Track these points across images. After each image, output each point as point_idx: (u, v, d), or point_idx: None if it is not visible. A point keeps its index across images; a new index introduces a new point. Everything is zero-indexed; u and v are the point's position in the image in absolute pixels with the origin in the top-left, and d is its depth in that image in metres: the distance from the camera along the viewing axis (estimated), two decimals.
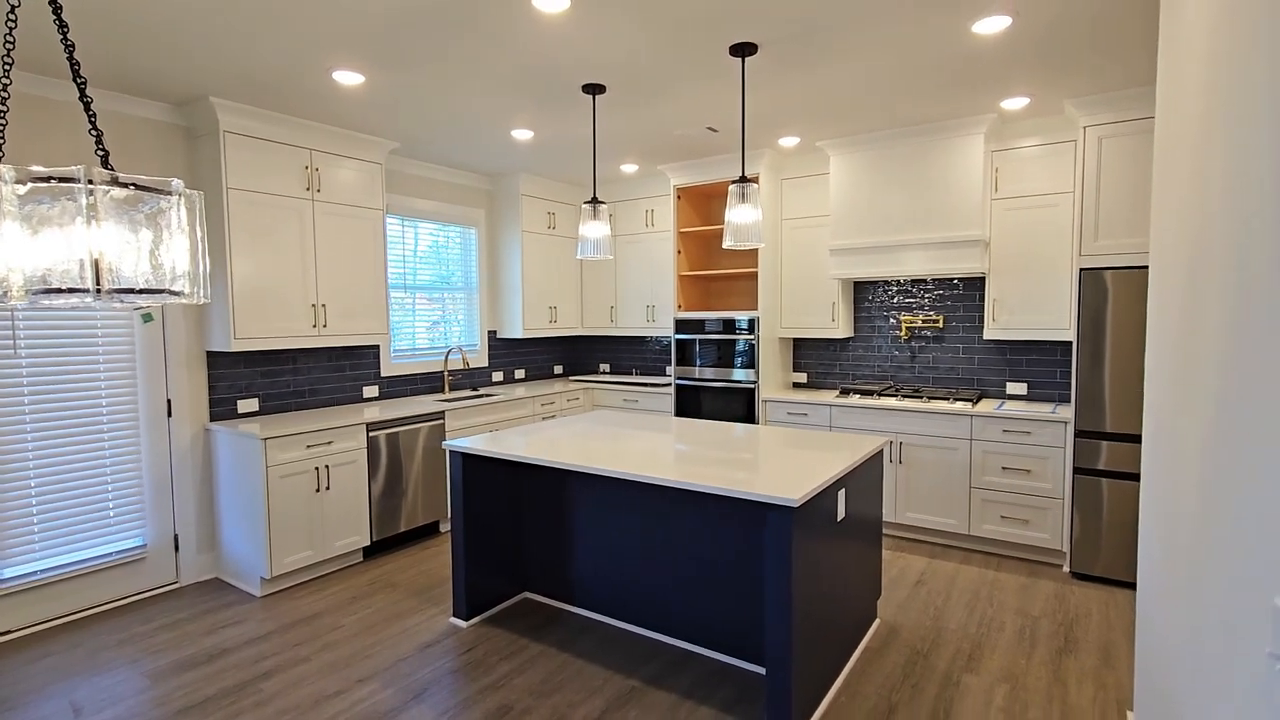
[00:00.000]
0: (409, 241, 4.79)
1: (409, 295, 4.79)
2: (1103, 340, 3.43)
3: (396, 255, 4.71)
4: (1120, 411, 3.40)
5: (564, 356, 6.18)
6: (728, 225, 2.83)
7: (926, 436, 4.01)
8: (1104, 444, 3.45)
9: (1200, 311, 1.36)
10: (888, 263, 4.19)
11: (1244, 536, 0.99)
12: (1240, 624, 0.99)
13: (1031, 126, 3.84)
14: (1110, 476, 3.44)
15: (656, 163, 4.88)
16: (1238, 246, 1.06)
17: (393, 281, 4.66)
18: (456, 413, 4.38)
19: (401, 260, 4.74)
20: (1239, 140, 1.09)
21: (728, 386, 4.74)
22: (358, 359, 4.41)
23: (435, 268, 4.99)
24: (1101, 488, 3.46)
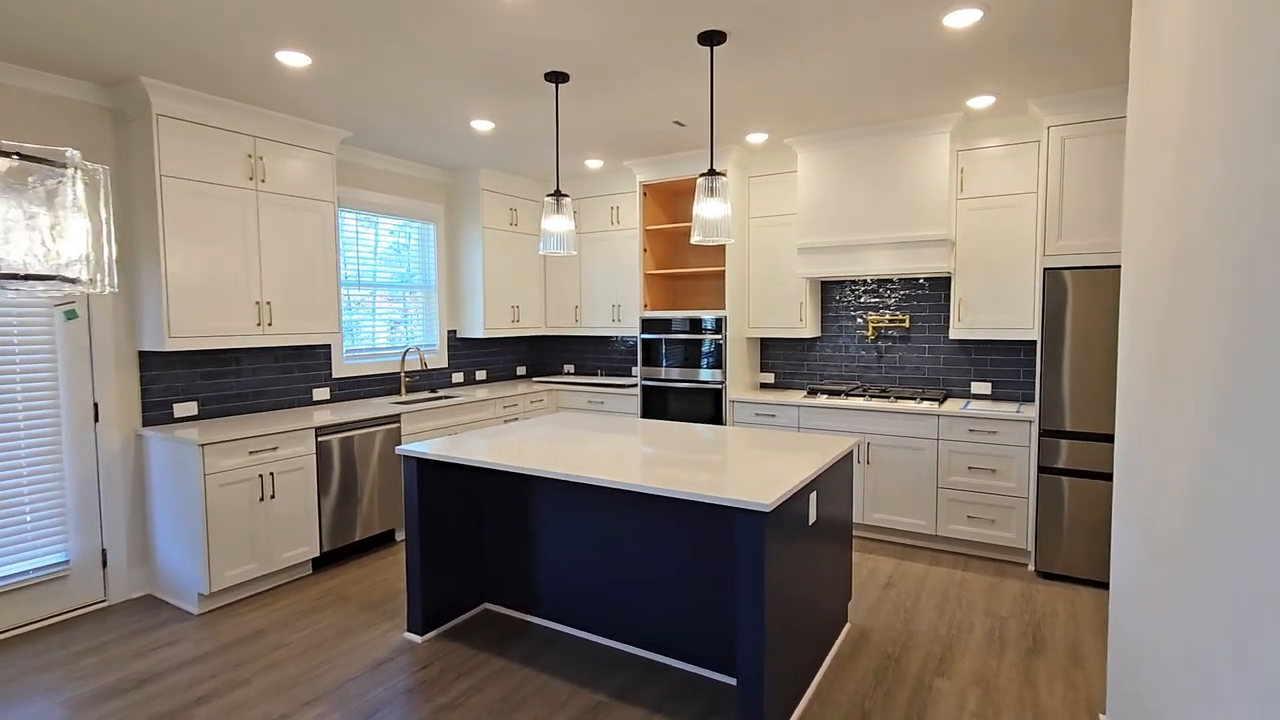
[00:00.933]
0: (368, 237, 4.58)
1: (364, 293, 4.58)
2: (1066, 340, 3.44)
3: (350, 251, 4.49)
4: (1083, 410, 3.42)
5: (527, 357, 6.01)
6: (696, 220, 2.74)
7: (894, 437, 3.99)
8: (1067, 443, 3.47)
9: (1189, 309, 1.31)
10: (855, 262, 4.16)
11: (1267, 546, 0.93)
12: (1252, 641, 0.93)
13: (996, 126, 3.85)
14: (1073, 475, 3.46)
15: (622, 158, 4.77)
16: (1245, 244, 1.00)
17: (346, 279, 4.44)
18: (413, 415, 4.19)
19: (356, 257, 4.52)
20: (1240, 138, 1.03)
21: (695, 387, 4.66)
22: (307, 360, 4.19)
23: (393, 264, 4.78)
24: (1065, 486, 3.48)
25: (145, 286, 3.27)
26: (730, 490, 2.13)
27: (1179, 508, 1.34)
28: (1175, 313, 1.41)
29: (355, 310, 4.54)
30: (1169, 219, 1.49)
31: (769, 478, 2.28)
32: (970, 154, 3.94)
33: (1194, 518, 1.23)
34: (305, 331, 3.84)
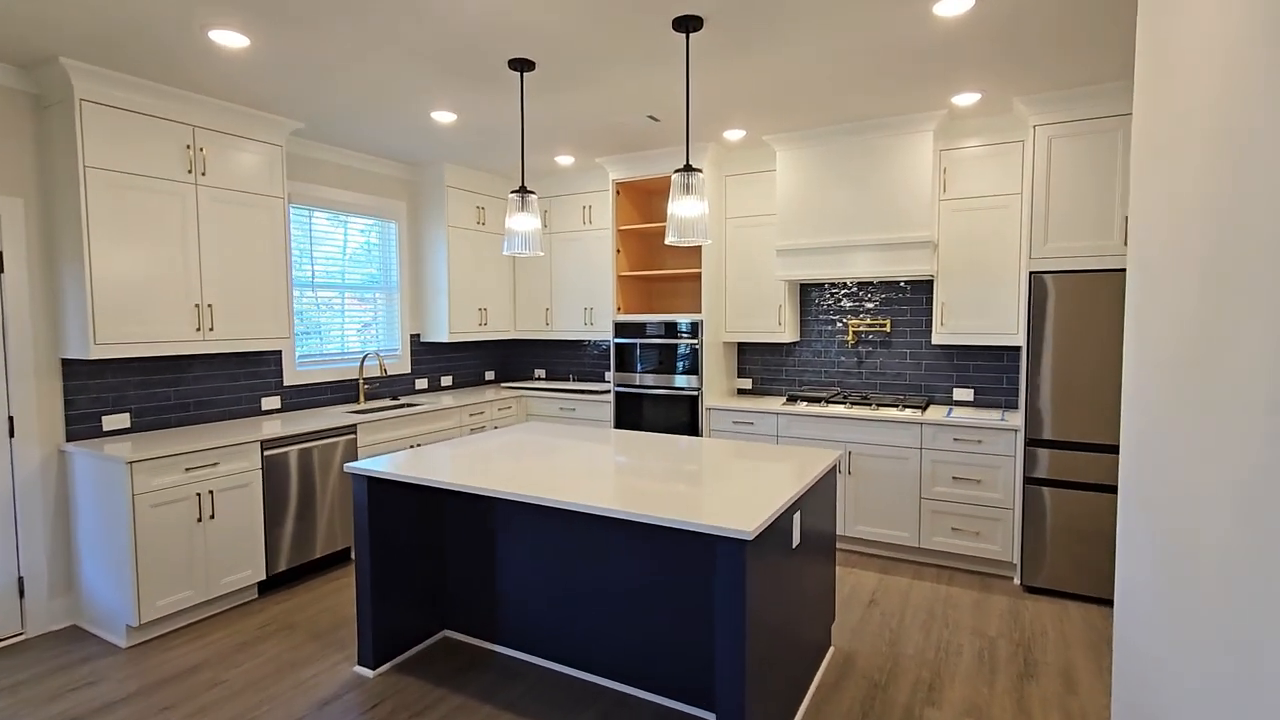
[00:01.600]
0: (328, 236, 4.30)
1: (328, 294, 4.30)
2: (1053, 346, 3.33)
3: (303, 250, 4.21)
4: (1071, 419, 3.31)
5: (495, 361, 5.77)
6: (671, 219, 2.54)
7: (876, 446, 3.85)
8: (1054, 452, 3.35)
9: (1235, 310, 1.15)
10: (836, 264, 4.01)
11: None
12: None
13: (979, 125, 3.73)
14: (1060, 486, 3.35)
15: (594, 155, 4.56)
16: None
17: (299, 279, 4.17)
18: (371, 426, 3.93)
19: (310, 256, 4.24)
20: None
21: (670, 394, 4.47)
22: (256, 366, 3.90)
23: (354, 265, 4.51)
24: (1052, 497, 3.36)
25: (68, 288, 2.98)
26: (710, 514, 1.94)
27: (1223, 521, 1.19)
28: (1210, 314, 1.26)
29: (313, 313, 4.26)
30: (1199, 217, 1.33)
31: (749, 498, 2.10)
32: (953, 154, 3.82)
33: (1249, 532, 1.07)
34: (252, 336, 3.56)
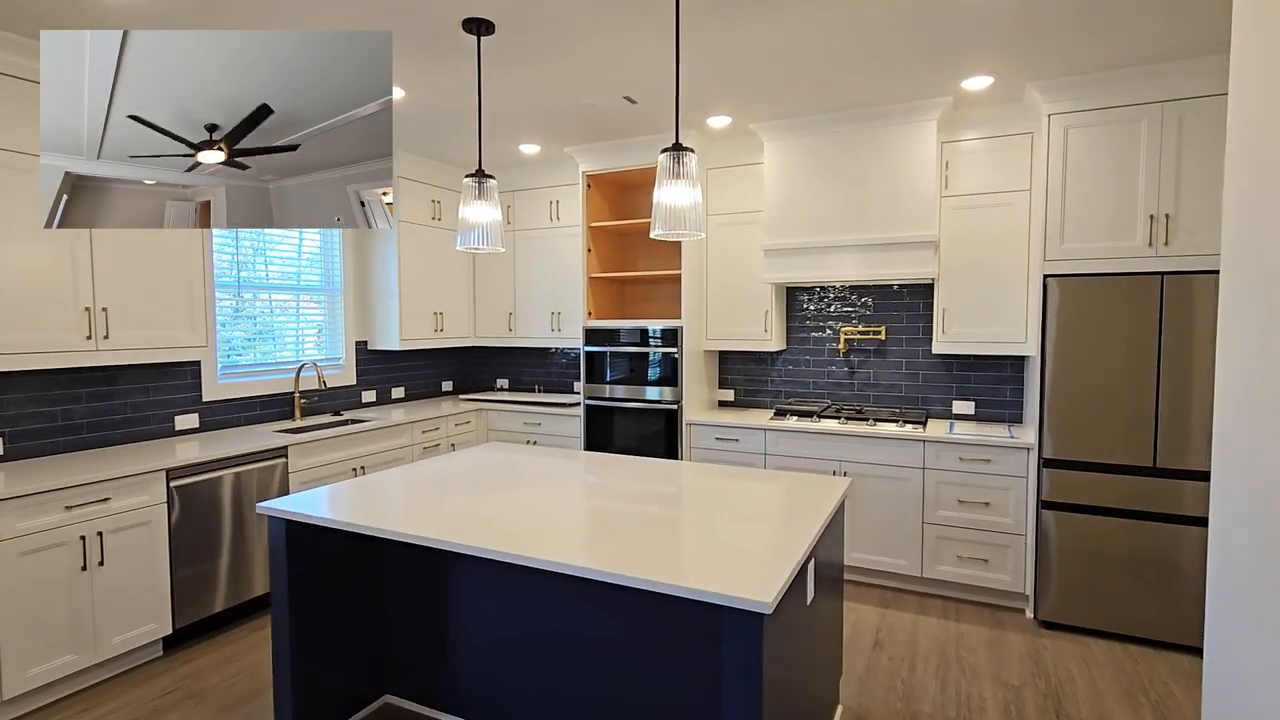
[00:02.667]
0: (272, 233, 3.78)
1: (270, 298, 3.77)
2: (1069, 355, 3.03)
3: (223, 246, 3.68)
4: (1089, 436, 3.01)
5: (454, 370, 5.28)
6: (657, 209, 2.14)
7: (874, 465, 3.50)
8: (1070, 473, 3.05)
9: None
10: (828, 266, 3.66)
11: None
12: None
13: (986, 115, 3.43)
14: (1078, 511, 3.04)
15: (563, 143, 4.14)
16: None
17: (221, 279, 3.63)
18: (306, 447, 3.42)
19: (233, 253, 3.71)
20: None
21: (646, 407, 4.06)
22: (167, 380, 3.36)
23: (289, 264, 3.99)
24: (1068, 524, 3.05)
25: None
26: (716, 576, 1.53)
27: None
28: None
29: (234, 321, 3.73)
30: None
31: (756, 548, 1.70)
32: (956, 146, 3.51)
33: None
34: (159, 345, 3.03)
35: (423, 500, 2.18)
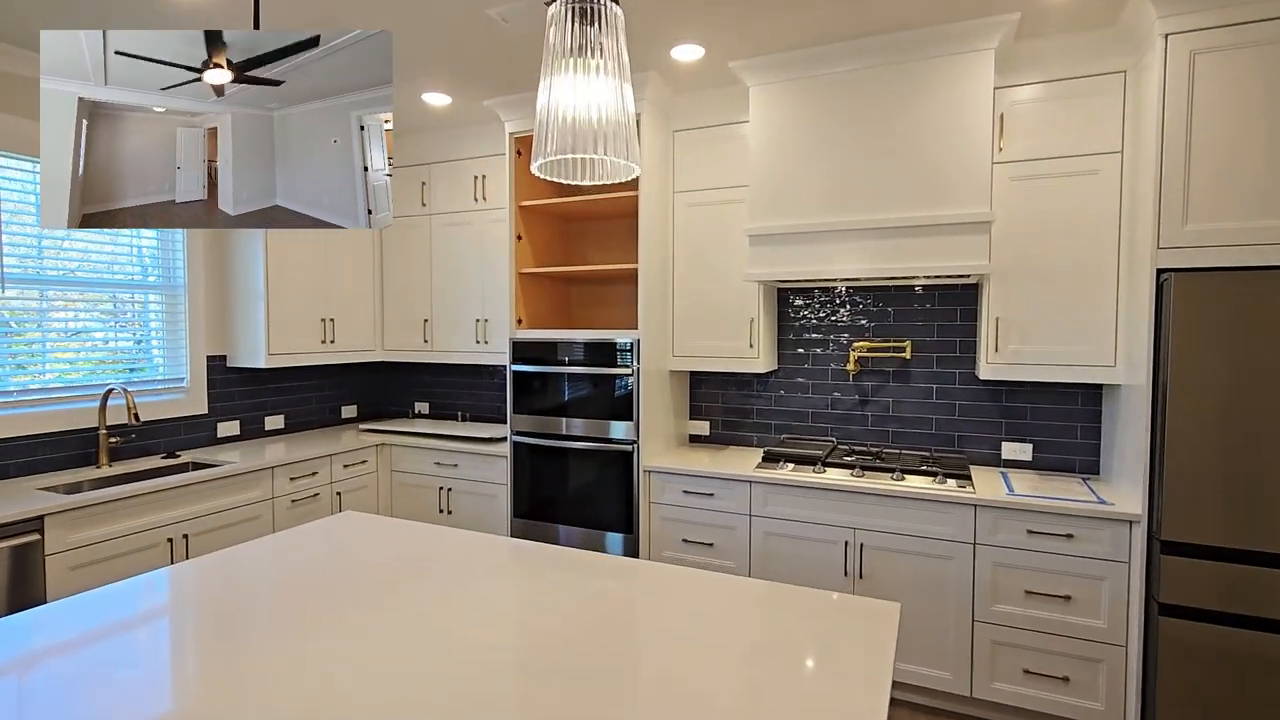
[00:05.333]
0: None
1: (26, 298, 2.68)
2: (1201, 384, 2.05)
3: (12, 224, 2.58)
4: (1238, 508, 2.02)
5: (359, 392, 4.20)
6: (549, 121, 1.11)
7: (902, 536, 2.49)
8: (1204, 563, 2.06)
9: None
10: (836, 257, 2.66)
11: None
12: None
13: (1059, 47, 2.45)
14: (1219, 621, 2.05)
15: (480, 94, 3.10)
16: None
17: (13, 270, 2.54)
18: (80, 514, 2.33)
19: (20, 233, 2.62)
20: None
21: (593, 447, 3.02)
22: None
23: (92, 247, 2.90)
24: (1199, 638, 2.06)
25: None
26: None
27: None
28: None
29: (12, 327, 2.64)
30: None
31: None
32: (1011, 95, 2.54)
33: None
34: None
35: (131, 661, 1.10)
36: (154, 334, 3.14)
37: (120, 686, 1.08)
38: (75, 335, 2.86)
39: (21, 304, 2.68)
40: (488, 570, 1.62)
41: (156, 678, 1.12)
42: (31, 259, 2.71)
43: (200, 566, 1.64)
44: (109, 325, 2.96)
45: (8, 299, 2.65)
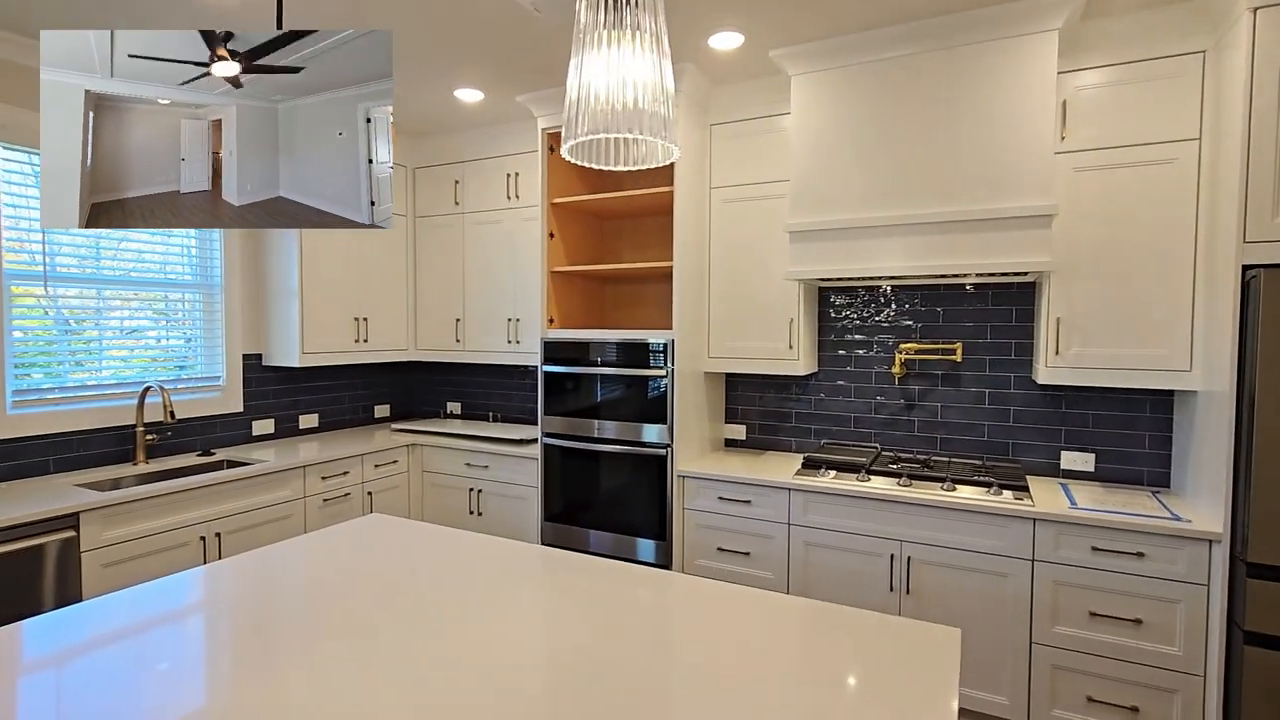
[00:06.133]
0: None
1: (74, 295, 2.72)
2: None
3: (23, 216, 2.62)
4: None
5: (393, 391, 4.19)
6: (580, 101, 1.02)
7: (952, 551, 2.35)
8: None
9: None
10: (882, 254, 2.52)
11: None
12: None
13: (1129, 29, 2.28)
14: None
15: (512, 89, 3.05)
16: None
17: (14, 266, 2.57)
18: (116, 511, 2.34)
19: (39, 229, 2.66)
20: None
21: (625, 450, 2.94)
22: None
23: (145, 250, 2.93)
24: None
25: None
26: None
27: None
28: None
29: (69, 325, 2.68)
30: None
31: None
32: (1076, 80, 2.37)
33: None
34: None
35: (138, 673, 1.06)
36: (198, 331, 3.16)
37: (157, 682, 1.04)
38: (131, 334, 2.90)
39: (80, 303, 2.73)
40: (515, 580, 1.55)
41: (190, 675, 1.07)
42: (90, 260, 2.75)
43: (233, 566, 1.60)
44: (159, 324, 3.00)
45: (68, 298, 2.69)
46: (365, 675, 1.11)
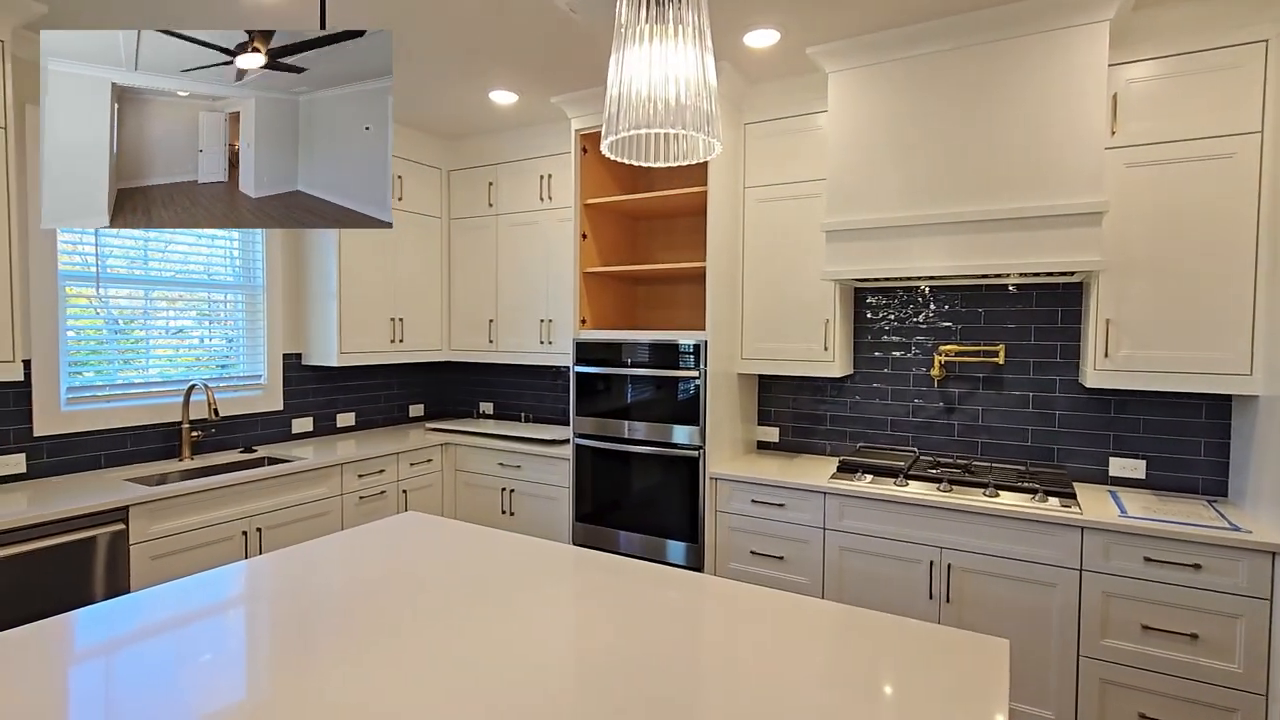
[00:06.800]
0: None
1: (136, 295, 2.81)
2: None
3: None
4: None
5: (427, 391, 4.25)
6: (621, 95, 1.01)
7: (994, 558, 2.28)
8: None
9: None
10: (921, 253, 2.46)
11: None
12: None
13: (1184, 17, 2.19)
14: None
15: (547, 91, 3.06)
16: None
17: (67, 269, 2.67)
18: (163, 505, 2.40)
19: (92, 236, 2.75)
20: None
21: (657, 451, 2.92)
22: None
23: (192, 251, 3.02)
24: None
25: None
26: None
27: None
28: None
29: (117, 325, 2.77)
30: None
31: None
32: (1126, 71, 2.28)
33: None
34: None
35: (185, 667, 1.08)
36: (240, 331, 3.24)
37: (199, 673, 1.06)
38: (177, 333, 2.99)
39: (129, 303, 2.82)
40: (548, 580, 1.54)
41: (231, 667, 1.08)
42: (139, 262, 2.85)
43: (273, 562, 1.63)
44: (203, 324, 3.09)
45: (118, 299, 2.78)
46: (399, 672, 1.11)
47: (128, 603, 1.39)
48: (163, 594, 1.44)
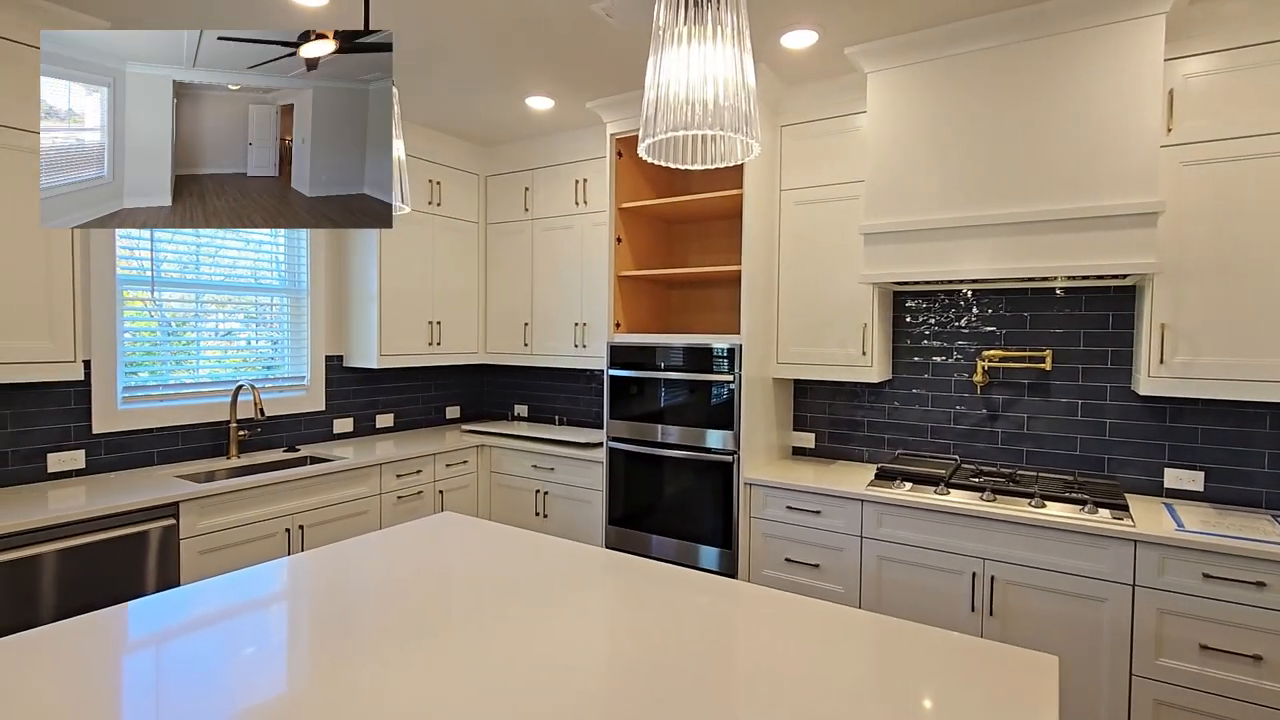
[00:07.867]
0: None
1: (187, 298, 2.92)
2: None
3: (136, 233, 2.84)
4: None
5: (463, 393, 4.31)
6: (658, 98, 1.01)
7: (1040, 571, 2.20)
8: None
9: None
10: (963, 256, 2.40)
11: None
12: None
13: (1245, 8, 2.09)
14: None
15: (583, 97, 3.08)
16: None
17: (128, 273, 2.78)
18: (210, 503, 2.49)
19: (147, 242, 2.86)
20: None
21: (691, 456, 2.91)
22: (36, 406, 2.52)
23: (239, 256, 3.12)
24: None
25: None
26: None
27: None
28: None
29: (171, 327, 2.88)
30: None
31: None
32: (1181, 66, 2.19)
33: None
34: (4, 361, 2.17)
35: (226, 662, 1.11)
36: (285, 334, 3.34)
37: (243, 665, 1.08)
38: (226, 335, 3.09)
39: (181, 306, 2.93)
40: (582, 582, 1.54)
41: (273, 661, 1.11)
42: (190, 267, 2.96)
43: (315, 559, 1.67)
44: (250, 327, 3.19)
45: (170, 302, 2.89)
46: (433, 671, 1.12)
47: (176, 596, 1.43)
48: (209, 588, 1.48)
